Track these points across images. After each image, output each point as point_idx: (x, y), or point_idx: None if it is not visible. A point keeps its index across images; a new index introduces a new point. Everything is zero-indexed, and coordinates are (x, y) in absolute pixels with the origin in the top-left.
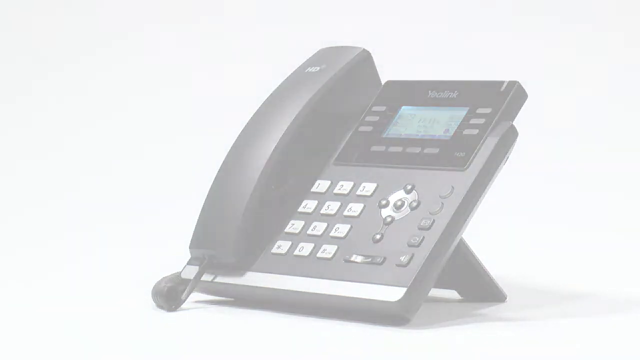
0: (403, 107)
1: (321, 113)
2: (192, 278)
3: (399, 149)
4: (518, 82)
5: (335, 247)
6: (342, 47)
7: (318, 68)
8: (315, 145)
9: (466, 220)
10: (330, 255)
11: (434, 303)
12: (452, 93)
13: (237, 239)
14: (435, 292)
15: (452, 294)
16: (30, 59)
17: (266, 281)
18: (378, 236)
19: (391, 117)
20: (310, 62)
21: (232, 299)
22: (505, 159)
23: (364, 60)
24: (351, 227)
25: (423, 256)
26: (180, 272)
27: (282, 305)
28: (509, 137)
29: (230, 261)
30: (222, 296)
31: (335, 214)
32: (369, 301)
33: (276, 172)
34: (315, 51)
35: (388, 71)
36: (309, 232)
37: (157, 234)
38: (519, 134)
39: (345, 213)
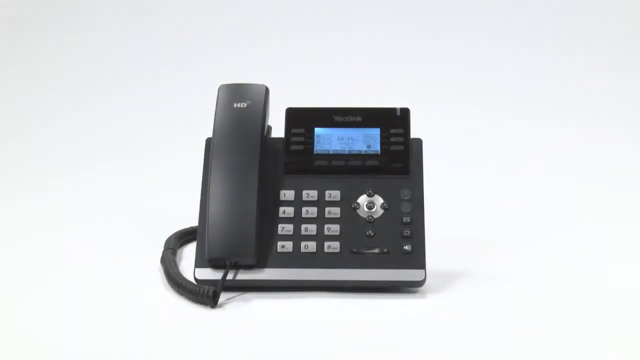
0: (316, 129)
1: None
2: (210, 278)
3: (342, 162)
4: (408, 108)
5: (338, 243)
6: (250, 84)
7: (245, 104)
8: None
9: (424, 211)
10: (337, 250)
11: None
12: (355, 117)
13: (255, 245)
14: None
15: None
16: None
17: (287, 274)
18: (370, 232)
19: (310, 137)
20: (230, 98)
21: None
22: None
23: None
24: (340, 226)
25: (420, 244)
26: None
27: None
28: (421, 147)
29: (252, 263)
30: (245, 291)
31: (318, 217)
32: (394, 282)
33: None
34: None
35: None
36: (303, 233)
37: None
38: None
39: (328, 215)
